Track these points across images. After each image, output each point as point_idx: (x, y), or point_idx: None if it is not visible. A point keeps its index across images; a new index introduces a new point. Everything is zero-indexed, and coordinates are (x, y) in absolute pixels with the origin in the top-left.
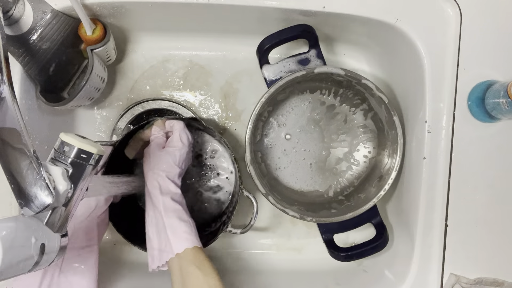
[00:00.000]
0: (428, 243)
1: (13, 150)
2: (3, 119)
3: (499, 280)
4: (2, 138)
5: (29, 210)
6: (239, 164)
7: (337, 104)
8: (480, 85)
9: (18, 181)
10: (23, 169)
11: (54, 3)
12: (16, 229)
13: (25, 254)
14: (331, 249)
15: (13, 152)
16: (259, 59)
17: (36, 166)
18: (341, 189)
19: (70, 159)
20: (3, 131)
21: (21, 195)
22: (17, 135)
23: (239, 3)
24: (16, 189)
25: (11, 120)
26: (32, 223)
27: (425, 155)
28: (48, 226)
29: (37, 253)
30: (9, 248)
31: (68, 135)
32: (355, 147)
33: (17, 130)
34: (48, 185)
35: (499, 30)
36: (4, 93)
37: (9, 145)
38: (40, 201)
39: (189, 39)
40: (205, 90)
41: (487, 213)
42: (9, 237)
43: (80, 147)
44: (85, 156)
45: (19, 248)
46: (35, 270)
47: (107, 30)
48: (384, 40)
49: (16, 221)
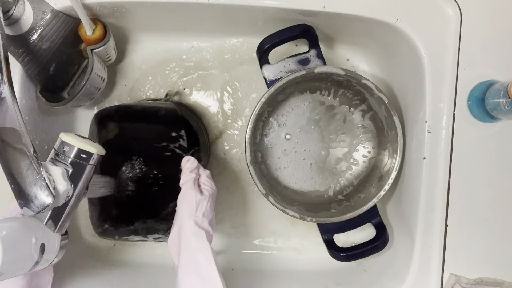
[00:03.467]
0: (428, 243)
1: (13, 150)
2: (3, 119)
3: (499, 280)
4: (2, 138)
5: (29, 210)
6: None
7: (336, 104)
8: (480, 85)
9: (18, 181)
10: (23, 169)
11: (54, 3)
12: (16, 229)
13: (25, 254)
14: (331, 249)
15: (13, 152)
16: (259, 59)
17: (36, 166)
18: (341, 189)
19: (70, 159)
20: (3, 131)
21: (21, 195)
22: (17, 135)
23: (239, 3)
24: (16, 189)
25: (11, 120)
26: (32, 223)
27: (425, 155)
28: (48, 226)
29: (37, 253)
30: (9, 248)
31: (68, 135)
32: (355, 147)
33: (17, 130)
34: (48, 185)
35: (499, 30)
36: (4, 93)
37: (9, 145)
38: (40, 201)
39: (189, 39)
40: (205, 90)
41: (487, 213)
42: (9, 237)
43: (80, 147)
44: (85, 156)
45: (19, 248)
46: (34, 270)
47: (107, 30)
48: (384, 40)
49: (16, 221)
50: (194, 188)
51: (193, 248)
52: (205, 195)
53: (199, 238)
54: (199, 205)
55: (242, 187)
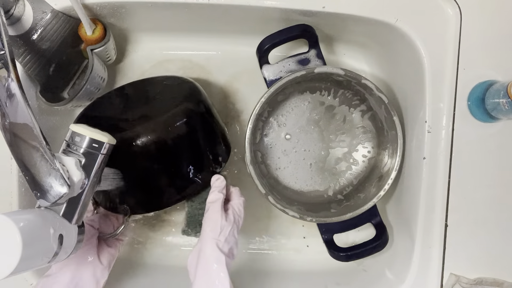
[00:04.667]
0: (428, 243)
1: (25, 143)
2: (15, 114)
3: (499, 280)
4: (14, 132)
5: (45, 201)
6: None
7: (336, 104)
8: (480, 85)
9: (33, 172)
10: (37, 160)
11: (54, 3)
12: (34, 221)
13: (44, 245)
14: (331, 249)
15: (25, 145)
16: (259, 59)
17: (49, 157)
18: (341, 189)
19: (82, 149)
20: (15, 126)
21: (36, 186)
22: (28, 129)
23: (239, 3)
24: (31, 180)
25: (23, 114)
26: (49, 215)
27: (425, 155)
28: (65, 217)
29: (56, 243)
30: (29, 239)
31: (79, 126)
32: (355, 147)
33: (28, 124)
34: (62, 175)
35: (499, 30)
36: (13, 89)
37: (21, 139)
38: (55, 191)
39: (189, 39)
40: (204, 90)
41: (487, 213)
42: (28, 228)
43: (92, 137)
44: (97, 145)
45: (38, 239)
46: (54, 262)
47: (107, 30)
48: (384, 40)
49: (33, 213)
50: (220, 211)
51: (211, 270)
52: (230, 221)
53: (218, 262)
54: (223, 229)
55: (242, 187)
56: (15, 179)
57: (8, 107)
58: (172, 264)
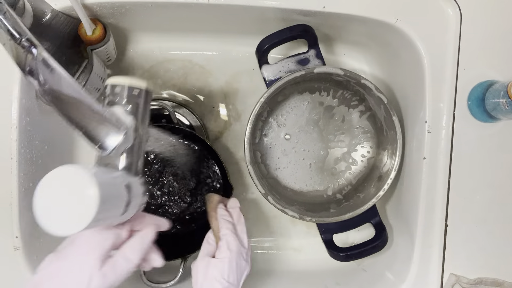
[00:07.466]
0: (428, 243)
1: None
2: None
3: (499, 280)
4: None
5: (105, 150)
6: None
7: (335, 104)
8: (480, 85)
9: (85, 125)
10: (86, 113)
11: (54, 3)
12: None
13: (116, 191)
14: (330, 249)
15: (71, 102)
16: (259, 59)
17: (99, 109)
18: (340, 189)
19: (124, 99)
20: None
21: (93, 139)
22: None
23: (239, 3)
24: (87, 134)
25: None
26: (110, 170)
27: (425, 155)
28: (125, 170)
29: (125, 192)
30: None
31: (115, 78)
32: (354, 147)
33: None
34: (116, 122)
35: (499, 30)
36: (46, 58)
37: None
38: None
39: (189, 39)
40: (205, 90)
41: (487, 213)
42: (99, 175)
43: (131, 85)
44: (137, 92)
45: (109, 185)
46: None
47: (107, 30)
48: (384, 40)
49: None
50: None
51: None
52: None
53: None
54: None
55: (241, 187)
56: (15, 179)
57: (46, 75)
58: None
